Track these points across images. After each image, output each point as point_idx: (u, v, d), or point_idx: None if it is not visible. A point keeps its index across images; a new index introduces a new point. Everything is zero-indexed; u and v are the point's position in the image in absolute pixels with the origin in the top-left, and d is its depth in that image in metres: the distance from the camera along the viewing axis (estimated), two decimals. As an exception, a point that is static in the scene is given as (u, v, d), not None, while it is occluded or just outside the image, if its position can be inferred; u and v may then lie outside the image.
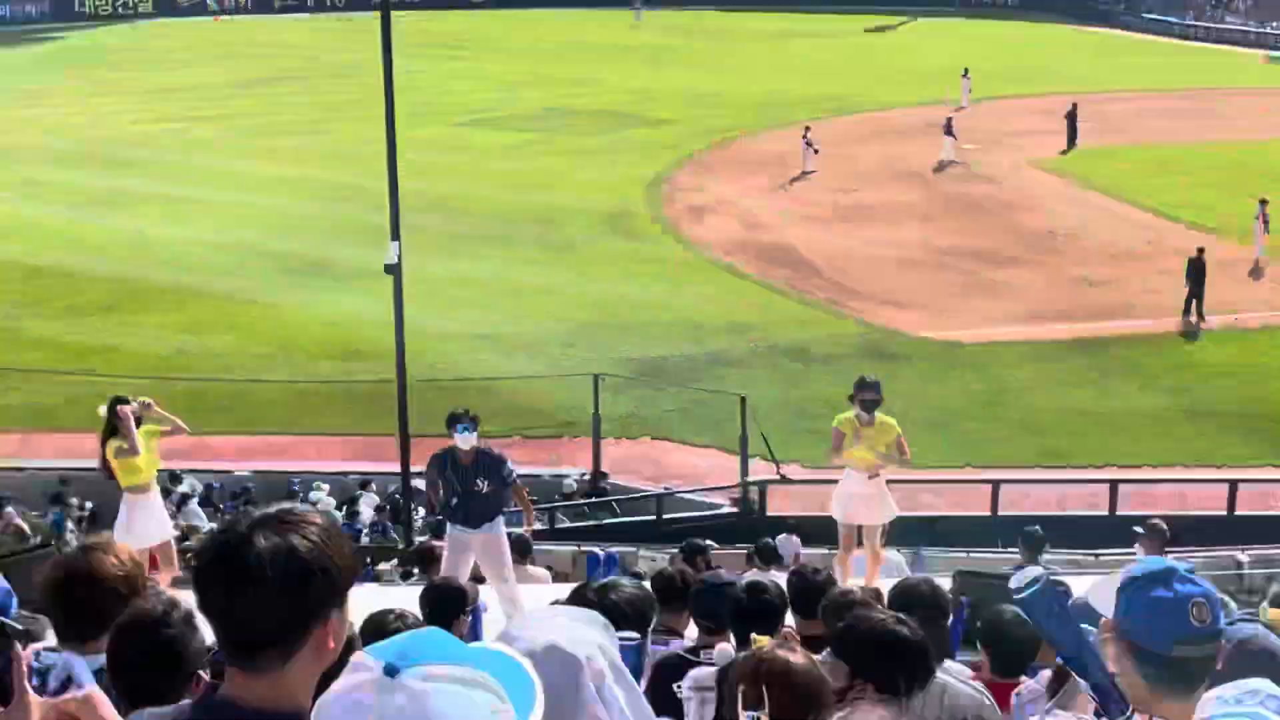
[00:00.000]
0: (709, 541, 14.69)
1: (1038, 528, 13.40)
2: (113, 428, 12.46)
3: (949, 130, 49.50)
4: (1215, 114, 58.69)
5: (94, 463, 13.05)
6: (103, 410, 12.57)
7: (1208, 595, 3.31)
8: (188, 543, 14.94)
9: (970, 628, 9.56)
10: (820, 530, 15.54)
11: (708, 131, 55.87)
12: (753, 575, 10.54)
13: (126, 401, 12.56)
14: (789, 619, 6.66)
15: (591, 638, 2.69)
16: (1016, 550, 15.14)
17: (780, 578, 7.49)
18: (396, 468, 20.25)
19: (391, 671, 2.22)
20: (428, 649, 2.27)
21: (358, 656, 2.28)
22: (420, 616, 6.74)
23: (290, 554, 2.45)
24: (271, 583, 2.44)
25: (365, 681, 2.23)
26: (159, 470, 13.34)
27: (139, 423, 12.53)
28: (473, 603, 7.82)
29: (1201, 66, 74.10)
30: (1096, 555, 18.11)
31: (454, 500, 11.89)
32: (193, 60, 79.03)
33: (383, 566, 19.48)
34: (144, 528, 12.58)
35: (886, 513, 12.95)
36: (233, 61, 78.04)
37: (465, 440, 11.70)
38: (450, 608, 7.26)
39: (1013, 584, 3.58)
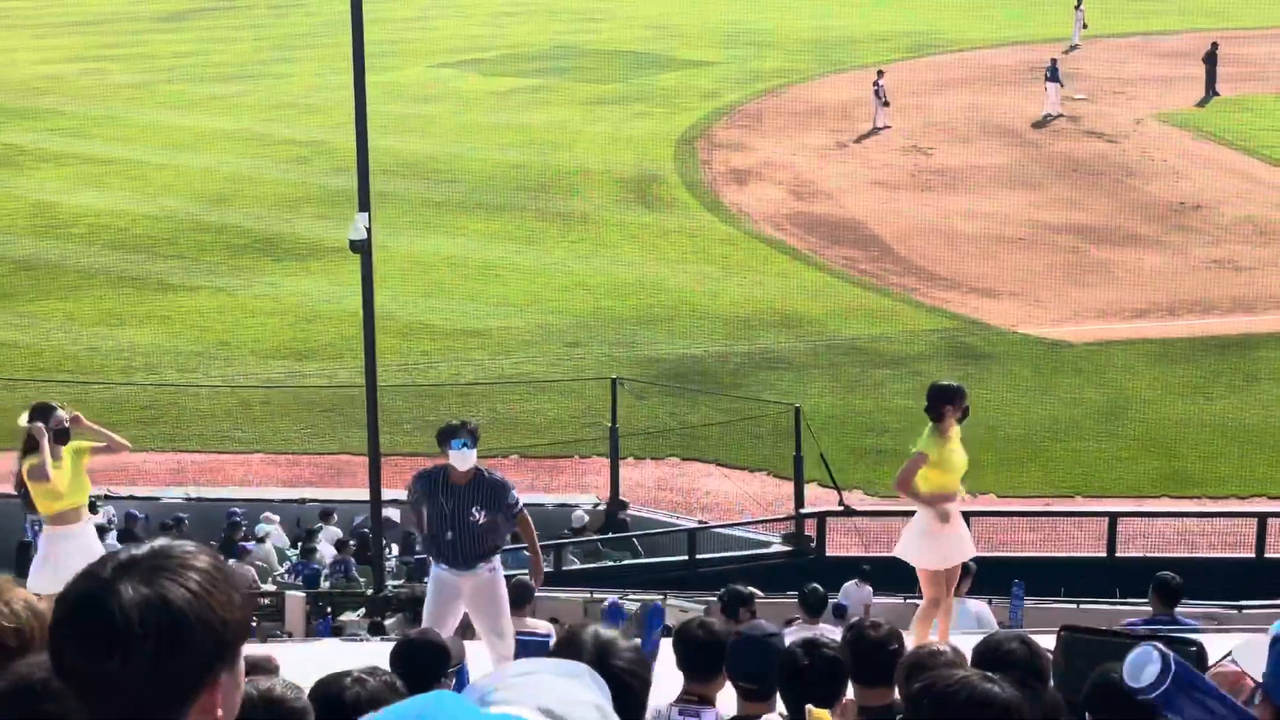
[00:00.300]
0: (753, 589, 14.67)
1: (1173, 574, 13.36)
2: (35, 441, 12.47)
3: (1054, 75, 49.36)
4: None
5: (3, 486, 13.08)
6: (24, 420, 12.57)
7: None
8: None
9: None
10: (887, 573, 15.51)
11: (751, 76, 55.85)
12: (797, 630, 10.56)
13: (50, 411, 12.54)
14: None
15: (585, 697, 2.67)
16: (1139, 601, 15.05)
17: (834, 634, 7.46)
18: (364, 494, 20.27)
19: None
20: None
21: None
22: (391, 678, 6.75)
23: (164, 606, 2.47)
24: (141, 643, 2.46)
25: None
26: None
27: (65, 438, 12.52)
28: (457, 663, 7.81)
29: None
30: (1239, 608, 18.02)
31: (447, 534, 11.89)
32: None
33: (346, 617, 19.55)
34: (67, 567, 12.54)
35: (970, 548, 13.03)
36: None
37: (463, 459, 11.66)
38: (427, 669, 7.26)
39: (1129, 679, 3.54)
